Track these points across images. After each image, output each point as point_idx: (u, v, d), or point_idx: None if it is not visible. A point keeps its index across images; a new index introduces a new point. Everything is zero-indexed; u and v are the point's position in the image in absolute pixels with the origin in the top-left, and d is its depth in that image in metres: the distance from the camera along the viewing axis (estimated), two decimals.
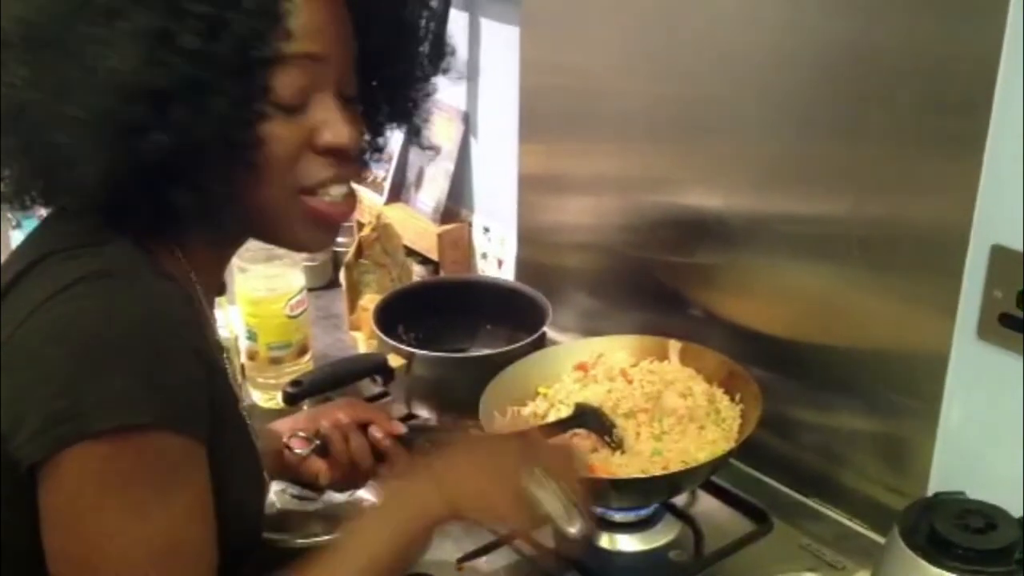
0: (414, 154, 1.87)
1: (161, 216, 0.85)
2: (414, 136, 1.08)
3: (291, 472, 1.19)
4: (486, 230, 1.82)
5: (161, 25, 0.78)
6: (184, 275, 0.92)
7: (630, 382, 1.35)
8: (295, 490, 1.25)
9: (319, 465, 1.17)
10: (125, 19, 0.78)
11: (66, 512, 0.79)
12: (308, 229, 0.94)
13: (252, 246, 1.50)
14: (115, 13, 0.78)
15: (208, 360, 0.86)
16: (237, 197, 0.87)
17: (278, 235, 0.96)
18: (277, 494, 1.26)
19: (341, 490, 1.22)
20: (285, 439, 1.17)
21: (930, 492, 1.18)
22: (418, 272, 1.82)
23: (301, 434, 1.17)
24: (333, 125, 0.91)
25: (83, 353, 0.78)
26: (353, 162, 0.95)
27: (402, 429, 1.18)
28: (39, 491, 0.79)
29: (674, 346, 1.39)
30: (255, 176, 0.87)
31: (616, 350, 1.41)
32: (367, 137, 1.03)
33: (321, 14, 0.89)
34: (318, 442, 1.16)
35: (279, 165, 0.88)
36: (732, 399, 1.31)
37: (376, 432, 1.17)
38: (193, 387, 0.82)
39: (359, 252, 1.67)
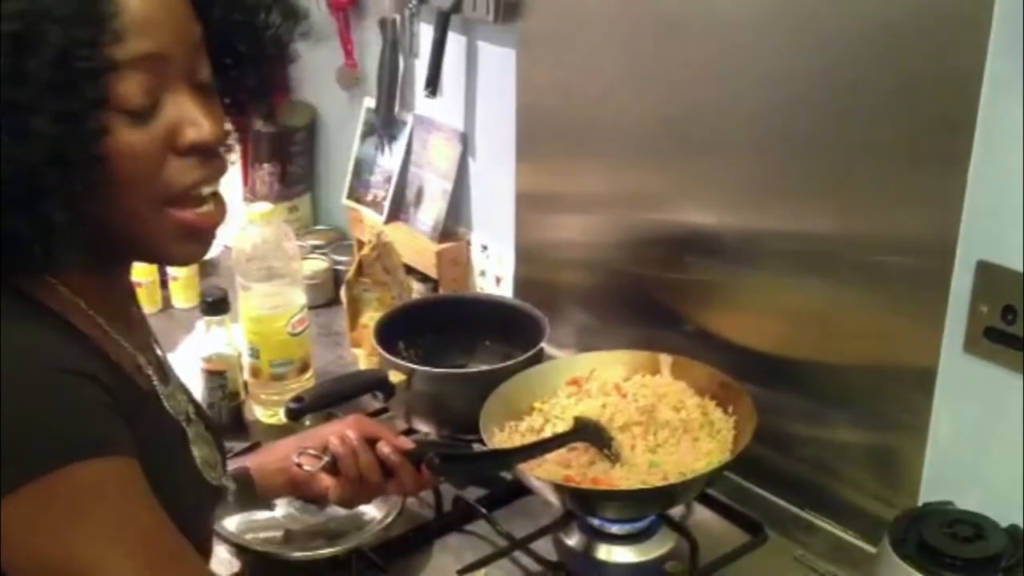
0: (413, 174, 1.89)
1: (9, 249, 0.79)
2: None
3: (300, 489, 1.21)
4: (484, 248, 1.83)
5: None
6: (69, 305, 0.86)
7: (624, 396, 1.37)
8: (298, 502, 1.27)
9: (328, 481, 1.18)
10: None
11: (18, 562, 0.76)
12: (180, 243, 0.88)
13: (254, 265, 1.54)
14: None
15: (109, 384, 0.82)
16: (97, 218, 0.82)
17: (150, 252, 0.92)
18: (281, 506, 1.29)
19: (349, 506, 1.22)
20: (294, 456, 1.18)
21: (920, 503, 1.20)
22: (418, 290, 1.83)
23: (310, 451, 1.17)
24: (193, 122, 0.84)
25: None
26: (218, 156, 0.89)
27: (410, 445, 1.18)
28: None
29: (665, 360, 1.41)
30: (117, 192, 0.82)
31: (609, 365, 1.43)
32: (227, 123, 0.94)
33: (152, 8, 0.81)
34: (327, 459, 1.16)
35: (141, 176, 0.83)
36: (725, 411, 1.32)
37: (384, 448, 1.16)
38: (84, 411, 0.79)
39: (359, 270, 1.69)
